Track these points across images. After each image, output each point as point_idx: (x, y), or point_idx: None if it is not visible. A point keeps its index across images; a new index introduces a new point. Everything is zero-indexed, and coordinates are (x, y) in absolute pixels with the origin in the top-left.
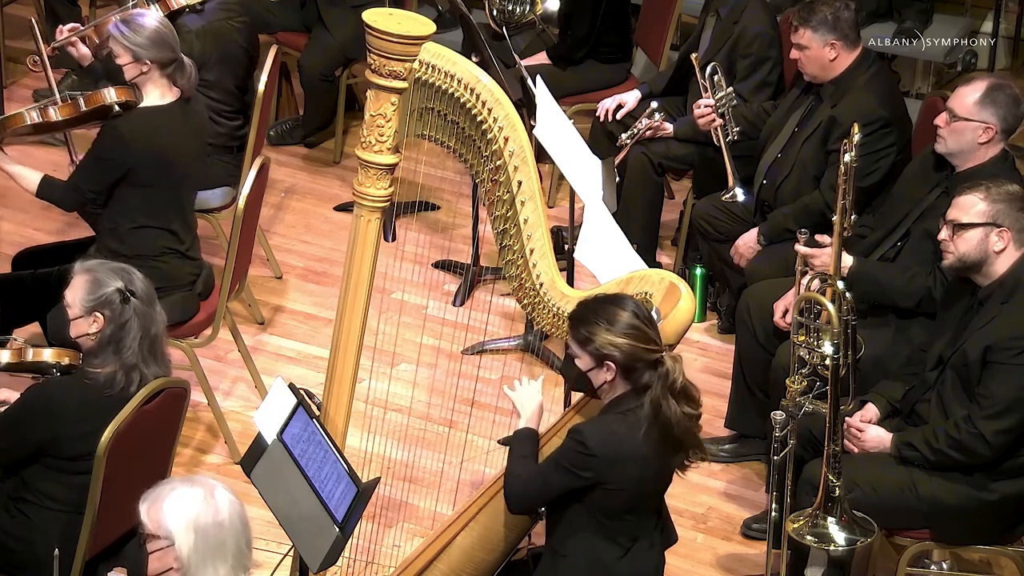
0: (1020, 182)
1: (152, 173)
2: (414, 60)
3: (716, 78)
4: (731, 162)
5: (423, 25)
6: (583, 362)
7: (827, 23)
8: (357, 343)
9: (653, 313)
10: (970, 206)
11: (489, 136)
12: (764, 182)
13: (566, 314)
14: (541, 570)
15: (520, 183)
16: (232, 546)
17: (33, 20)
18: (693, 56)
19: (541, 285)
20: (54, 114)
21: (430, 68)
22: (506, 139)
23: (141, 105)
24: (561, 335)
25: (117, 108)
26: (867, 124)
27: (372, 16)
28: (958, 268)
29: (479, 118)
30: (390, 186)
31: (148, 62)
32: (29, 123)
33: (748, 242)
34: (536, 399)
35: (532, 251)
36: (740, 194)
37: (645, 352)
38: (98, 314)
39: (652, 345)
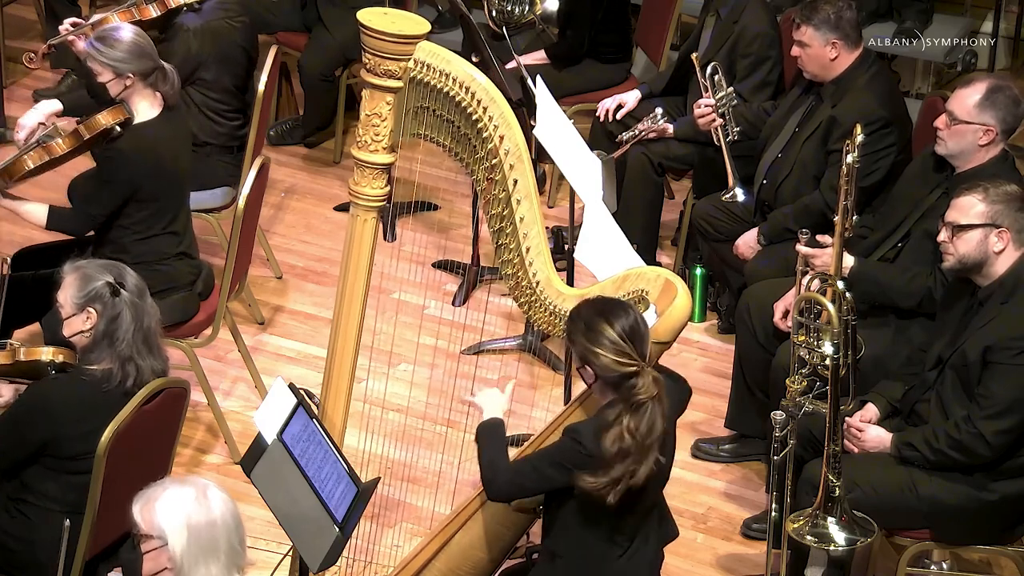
0: (1020, 182)
1: (158, 186)
2: (409, 59)
3: (716, 78)
4: (731, 162)
5: (418, 24)
6: (573, 359)
7: (829, 22)
8: (355, 343)
9: (650, 310)
10: (969, 207)
11: (485, 135)
12: (764, 182)
13: (563, 312)
14: (538, 570)
15: (516, 181)
16: (225, 545)
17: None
18: (694, 56)
19: (537, 284)
20: (58, 148)
21: (425, 67)
22: (501, 137)
23: (135, 122)
24: (559, 333)
25: (118, 129)
26: (867, 124)
27: (367, 15)
28: (958, 269)
29: (474, 117)
30: (386, 185)
31: (130, 75)
32: (35, 165)
33: (748, 242)
34: (496, 400)
35: (528, 249)
36: (740, 194)
37: (619, 366)
38: (90, 309)
39: (628, 361)
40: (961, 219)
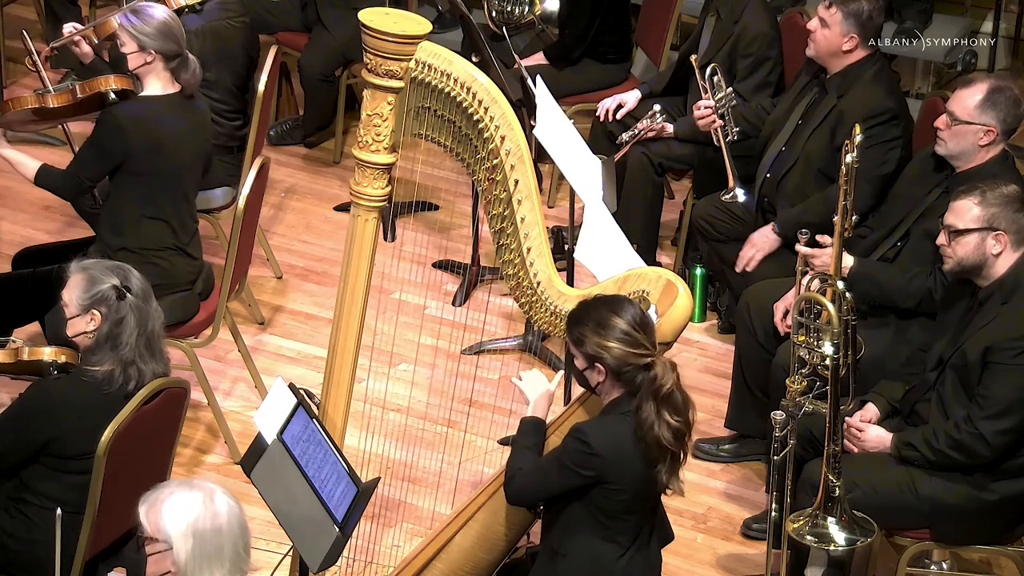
0: (1019, 182)
1: (150, 161)
2: (410, 59)
3: (716, 79)
4: (731, 162)
5: (419, 24)
6: (579, 362)
7: (859, 15)
8: (355, 343)
9: (651, 311)
10: (965, 211)
11: (486, 135)
12: (768, 175)
13: (563, 312)
14: (538, 569)
15: (517, 182)
16: (229, 550)
17: (24, 32)
18: (692, 57)
19: (538, 284)
20: (52, 101)
21: (426, 67)
22: (503, 138)
23: (141, 95)
24: (559, 334)
25: (113, 96)
26: (877, 115)
27: (368, 15)
28: (958, 272)
29: (475, 117)
30: (387, 185)
31: (152, 52)
32: (29, 107)
33: (765, 235)
34: (542, 388)
35: (529, 250)
36: (740, 195)
37: (635, 357)
38: (95, 311)
39: (642, 351)
40: (958, 223)
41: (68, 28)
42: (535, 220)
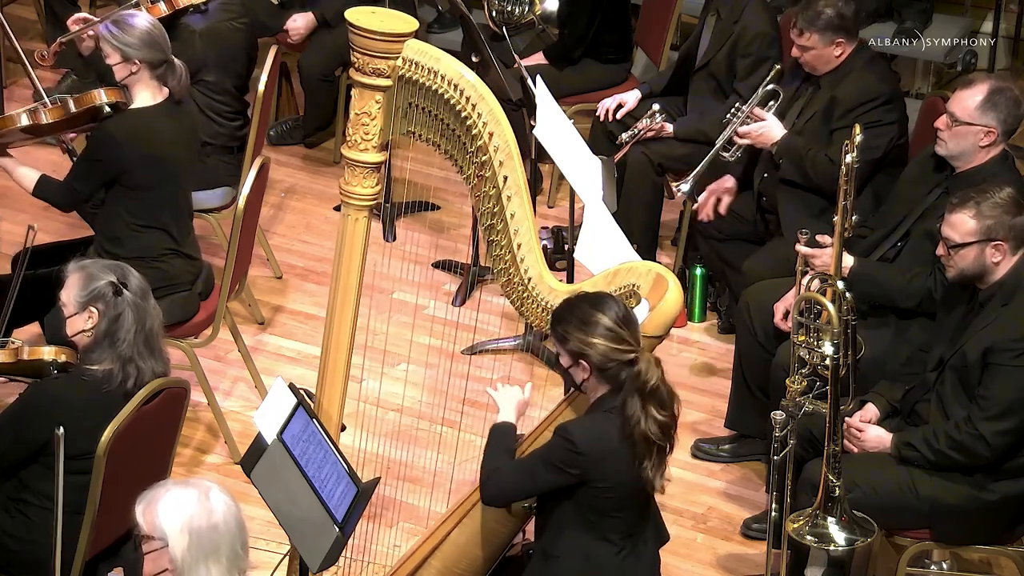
0: (1019, 182)
1: (146, 174)
2: (398, 57)
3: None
4: (704, 167)
5: (406, 22)
6: (563, 360)
7: (833, 25)
8: (348, 342)
9: (642, 304)
10: (961, 225)
11: (474, 132)
12: (765, 175)
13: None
14: (532, 570)
15: (506, 178)
16: (226, 548)
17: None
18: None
19: (529, 280)
20: (44, 116)
21: (414, 65)
22: (491, 134)
23: (132, 107)
24: None
25: (107, 109)
26: (871, 100)
27: (355, 14)
28: (959, 279)
29: (463, 114)
30: (377, 184)
31: (138, 62)
32: (19, 126)
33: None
34: (516, 398)
35: (519, 246)
36: (684, 187)
37: (618, 353)
38: (92, 309)
39: (626, 347)
40: (955, 237)
41: (76, 17)
42: (525, 216)
